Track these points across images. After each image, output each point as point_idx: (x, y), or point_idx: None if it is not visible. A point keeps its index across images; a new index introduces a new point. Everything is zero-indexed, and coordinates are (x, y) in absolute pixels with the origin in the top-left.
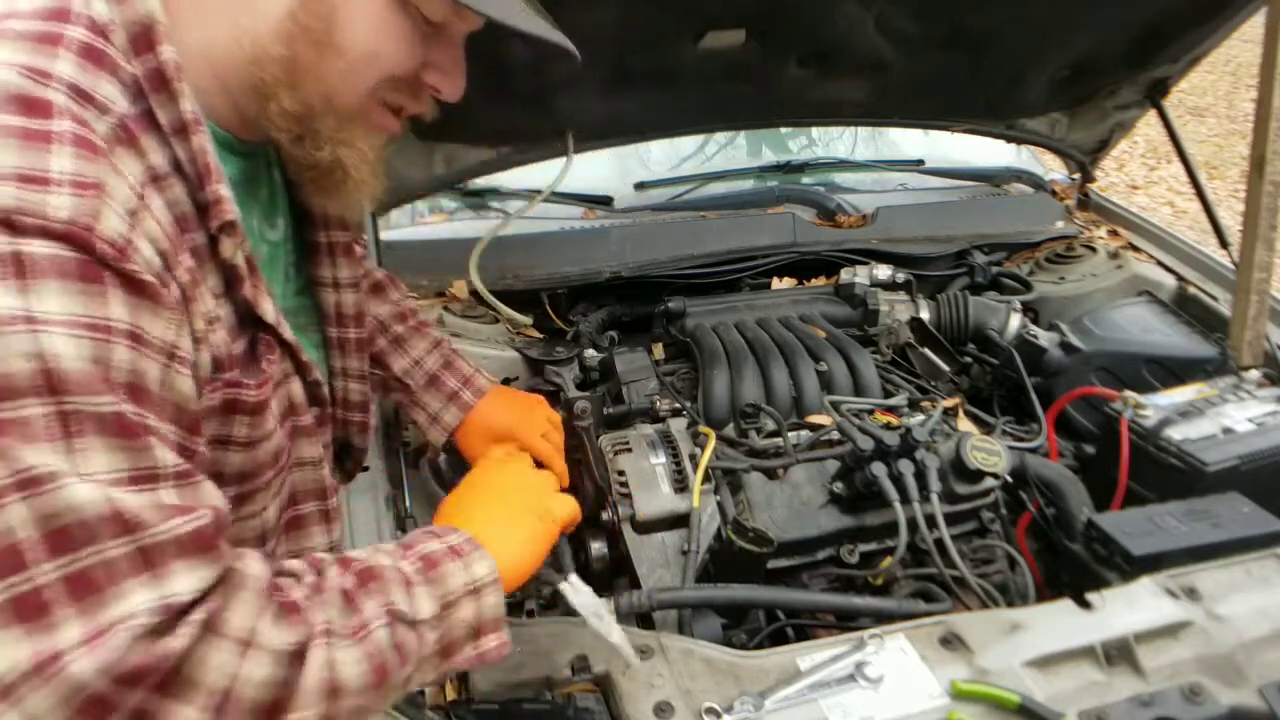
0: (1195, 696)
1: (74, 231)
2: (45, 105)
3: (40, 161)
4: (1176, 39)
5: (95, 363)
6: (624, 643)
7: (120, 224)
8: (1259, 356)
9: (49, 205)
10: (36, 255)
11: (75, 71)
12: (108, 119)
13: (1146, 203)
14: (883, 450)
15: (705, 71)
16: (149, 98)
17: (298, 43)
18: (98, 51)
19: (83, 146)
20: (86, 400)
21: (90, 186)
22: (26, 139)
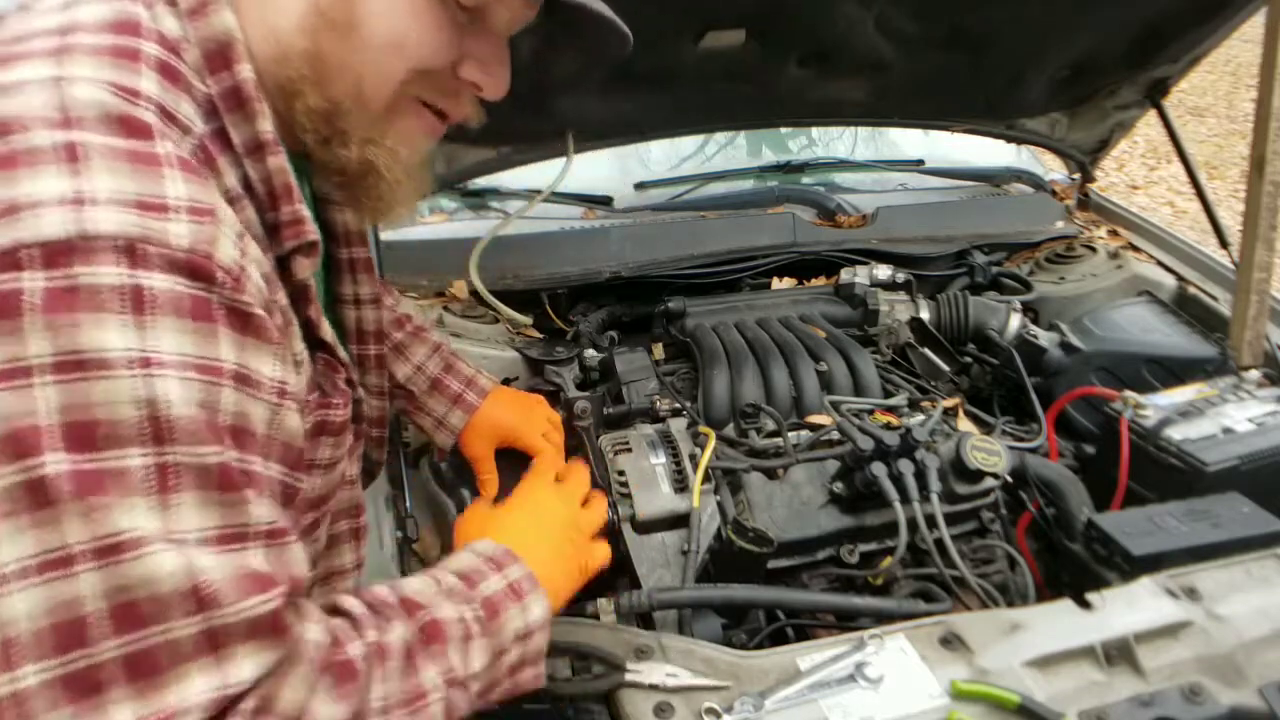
0: (1195, 696)
1: (195, 260)
2: (145, 127)
3: (156, 187)
4: (1176, 39)
5: (203, 408)
6: (699, 679)
7: (234, 250)
8: (1259, 356)
9: (170, 233)
10: (157, 289)
11: (159, 91)
12: (189, 140)
13: (1146, 203)
14: (883, 450)
15: (705, 71)
16: (223, 117)
17: (321, 35)
18: (173, 69)
19: (190, 171)
20: (191, 450)
21: (206, 213)
22: (137, 162)
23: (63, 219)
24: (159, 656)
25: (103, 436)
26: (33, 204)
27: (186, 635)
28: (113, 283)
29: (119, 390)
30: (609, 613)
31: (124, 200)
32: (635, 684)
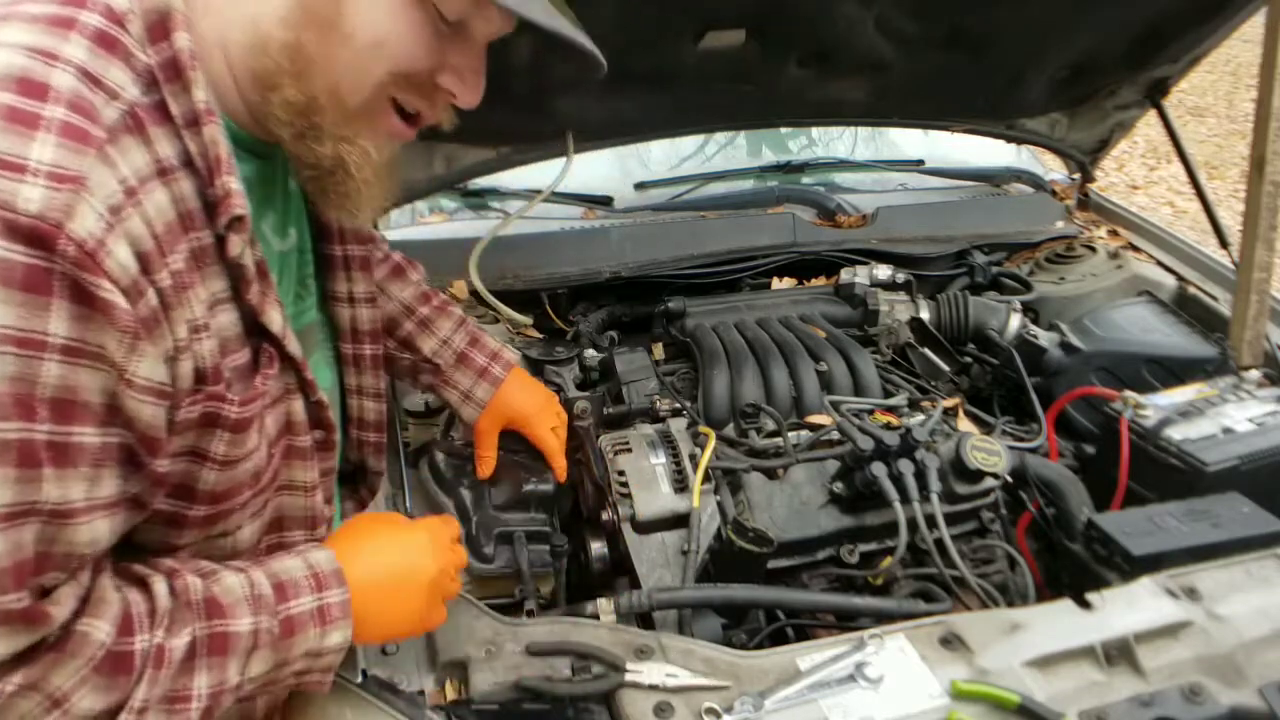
0: (1195, 696)
1: (41, 228)
2: (41, 87)
3: (21, 147)
4: (1176, 39)
5: (14, 381)
6: (699, 679)
7: (96, 223)
8: (1259, 356)
9: (20, 196)
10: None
11: (86, 55)
12: (116, 104)
13: (1146, 203)
14: (883, 450)
15: (705, 71)
16: (162, 88)
17: (303, 29)
18: (111, 38)
19: (70, 136)
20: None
21: (69, 180)
22: (13, 121)
23: None
24: None
25: None
26: None
27: None
28: None
29: None
30: (609, 613)
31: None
32: (635, 684)
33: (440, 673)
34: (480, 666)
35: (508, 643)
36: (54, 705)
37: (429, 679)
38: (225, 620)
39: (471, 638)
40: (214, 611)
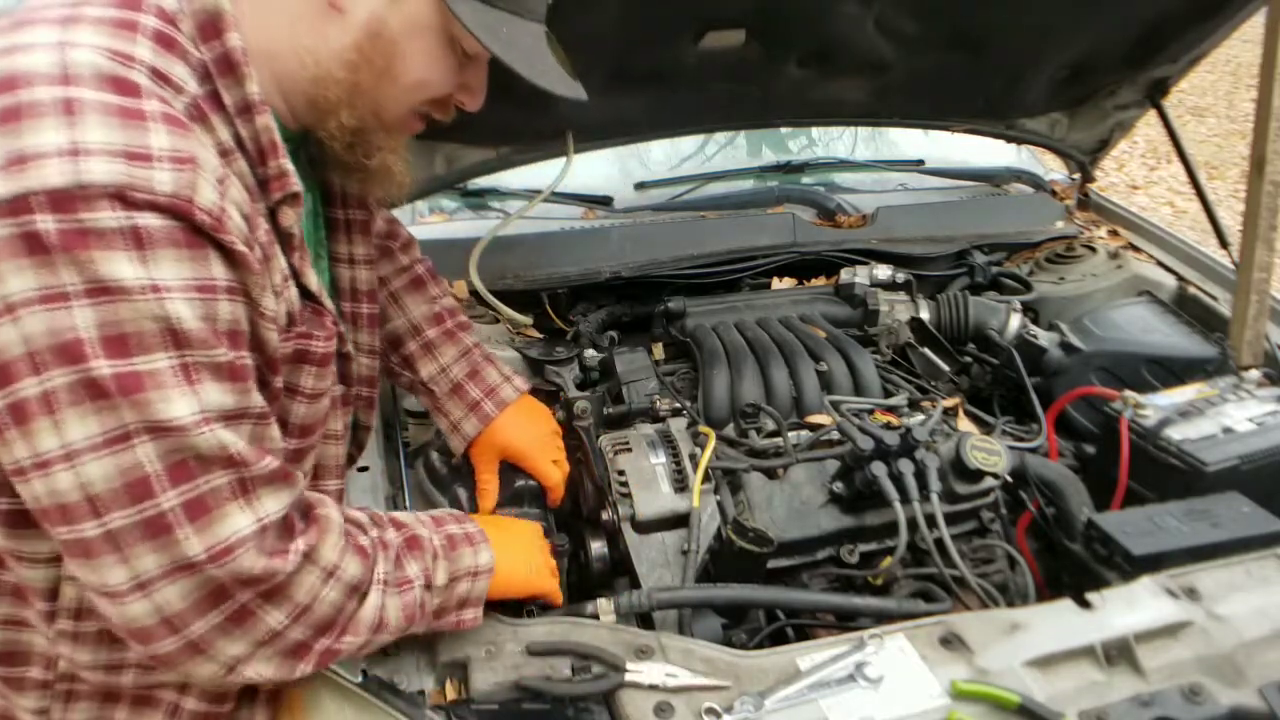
0: (1195, 696)
1: (177, 204)
2: (134, 86)
3: (141, 138)
4: (1176, 39)
5: (206, 319)
6: (699, 679)
7: (213, 194)
8: (1259, 356)
9: (155, 180)
10: (152, 227)
11: (151, 56)
12: (182, 98)
13: (1146, 203)
14: (883, 450)
15: (705, 71)
16: (215, 80)
17: (360, 71)
18: (168, 37)
19: (173, 123)
20: (204, 353)
21: (186, 161)
22: (125, 117)
23: (61, 169)
24: (207, 502)
25: (135, 346)
26: (36, 155)
27: (224, 484)
28: (113, 225)
29: (139, 310)
30: (609, 613)
31: (113, 151)
32: (635, 684)
33: (440, 673)
34: (480, 666)
35: (508, 643)
36: (328, 575)
37: (429, 679)
38: (411, 529)
39: (471, 638)
40: (400, 525)
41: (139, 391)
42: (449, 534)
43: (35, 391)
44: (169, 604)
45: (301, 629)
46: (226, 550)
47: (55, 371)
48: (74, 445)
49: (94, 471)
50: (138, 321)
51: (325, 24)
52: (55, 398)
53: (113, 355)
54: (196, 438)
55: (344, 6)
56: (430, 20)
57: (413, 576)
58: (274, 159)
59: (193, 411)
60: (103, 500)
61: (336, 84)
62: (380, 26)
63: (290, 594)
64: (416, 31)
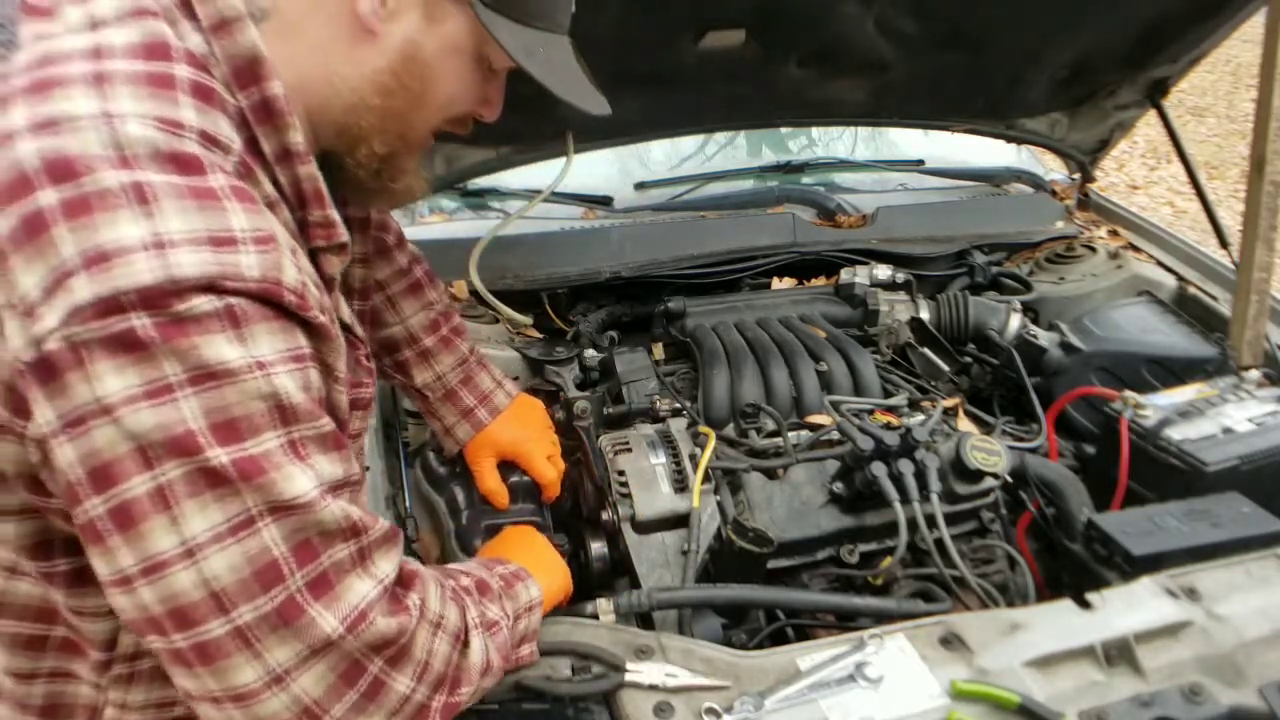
0: (1195, 696)
1: (267, 288)
2: (196, 162)
3: (221, 221)
4: (1176, 39)
5: (306, 389)
6: (699, 679)
7: (294, 270)
8: (1259, 356)
9: (243, 265)
10: (245, 306)
11: (197, 117)
12: (231, 158)
13: (1146, 203)
14: (883, 450)
15: (705, 71)
16: (254, 129)
17: (395, 96)
18: (206, 89)
19: (243, 199)
20: (309, 425)
21: (268, 240)
22: (200, 199)
23: (150, 266)
24: (330, 577)
25: (245, 429)
26: (120, 252)
27: (345, 555)
28: (208, 309)
29: (247, 390)
30: (609, 613)
31: (198, 239)
32: (635, 684)
33: None
34: None
35: None
36: (436, 628)
37: None
38: (475, 574)
39: None
40: (464, 572)
41: (260, 475)
42: (501, 574)
43: (146, 489)
44: (307, 692)
45: (424, 689)
46: (361, 617)
47: (168, 465)
48: (195, 539)
49: (219, 564)
50: (245, 403)
51: (358, 49)
52: (171, 491)
53: (227, 441)
54: (321, 513)
55: (378, 30)
56: (465, 41)
57: (497, 617)
58: (319, 208)
59: (313, 486)
60: (230, 594)
61: (370, 111)
62: (415, 50)
63: (411, 652)
64: (451, 52)
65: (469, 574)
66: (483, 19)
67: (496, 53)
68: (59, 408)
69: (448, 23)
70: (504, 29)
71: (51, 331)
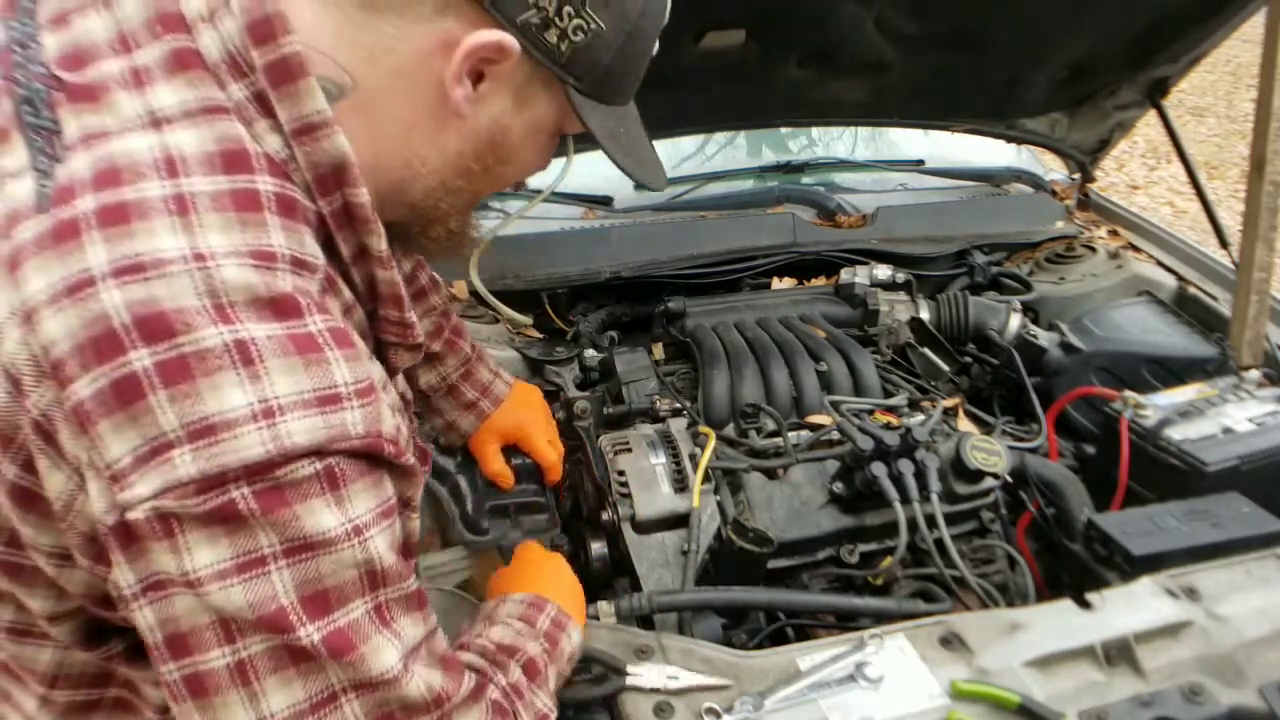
0: (1195, 696)
1: (370, 443)
2: (295, 306)
3: (327, 377)
4: (1176, 39)
5: (394, 548)
6: (700, 679)
7: (390, 416)
8: (1259, 356)
9: (348, 424)
10: (345, 467)
11: (285, 240)
12: (318, 277)
13: (1146, 203)
14: (883, 450)
15: (705, 71)
16: (334, 233)
17: (476, 179)
18: (289, 201)
19: (342, 343)
20: (396, 588)
21: (368, 391)
22: (304, 352)
23: (260, 439)
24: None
25: (335, 600)
26: (227, 424)
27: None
28: (309, 473)
29: (343, 559)
30: (609, 614)
31: (306, 401)
32: (636, 688)
33: None
34: None
35: None
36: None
37: None
38: (525, 653)
39: None
40: (513, 652)
41: (350, 651)
42: (546, 632)
43: (226, 662)
44: None
45: None
46: None
47: (253, 639)
48: (274, 715)
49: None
50: (339, 573)
51: (444, 131)
52: (253, 667)
53: (316, 616)
54: (406, 687)
55: (467, 113)
56: (550, 121)
57: (545, 711)
58: (396, 310)
59: (398, 659)
60: None
61: (451, 193)
62: (504, 135)
63: None
64: (535, 132)
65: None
66: (576, 106)
67: (573, 125)
68: (139, 571)
69: (538, 105)
70: (593, 114)
71: (142, 501)
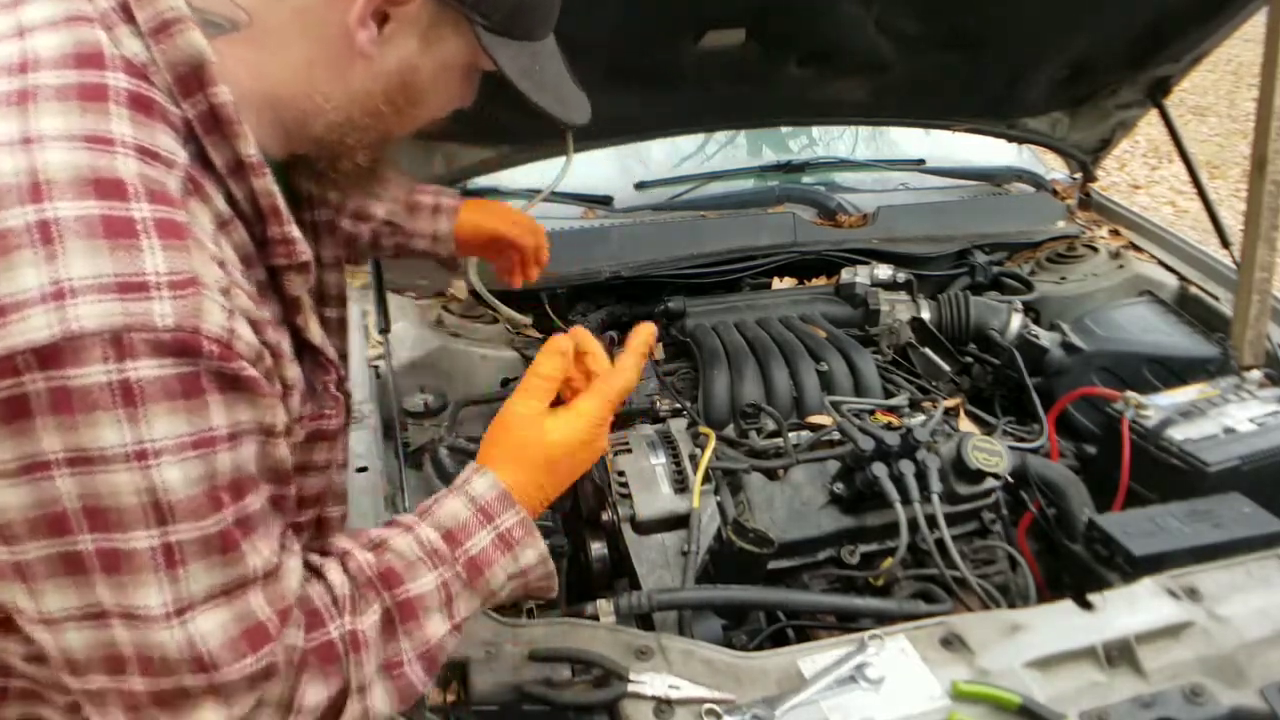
0: (1196, 697)
1: (182, 338)
2: (119, 186)
3: (134, 263)
4: (1178, 38)
5: (201, 482)
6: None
7: (220, 314)
8: (1260, 356)
9: (154, 314)
10: (145, 379)
11: (133, 129)
12: (175, 173)
13: (1148, 202)
14: (883, 450)
15: (705, 71)
16: (202, 139)
17: (384, 117)
18: (145, 99)
19: (167, 233)
20: (193, 526)
21: (187, 284)
22: (113, 236)
23: (47, 321)
24: (176, 699)
25: (114, 522)
26: (16, 305)
27: (196, 686)
28: (102, 381)
29: (119, 483)
30: (609, 614)
31: (104, 286)
32: (638, 695)
33: (440, 673)
34: (479, 668)
35: (507, 644)
36: (288, 711)
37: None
38: (406, 586)
39: (471, 638)
40: (393, 581)
41: (115, 573)
42: (471, 557)
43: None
44: None
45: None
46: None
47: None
48: (51, 615)
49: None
50: (117, 497)
51: (349, 70)
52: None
53: (95, 529)
54: (159, 635)
55: (373, 54)
56: (461, 59)
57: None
58: (277, 225)
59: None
60: (79, 665)
61: (357, 129)
62: (411, 74)
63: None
64: (445, 71)
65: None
66: (485, 44)
67: (488, 62)
68: None
69: (446, 44)
70: (503, 51)
71: None
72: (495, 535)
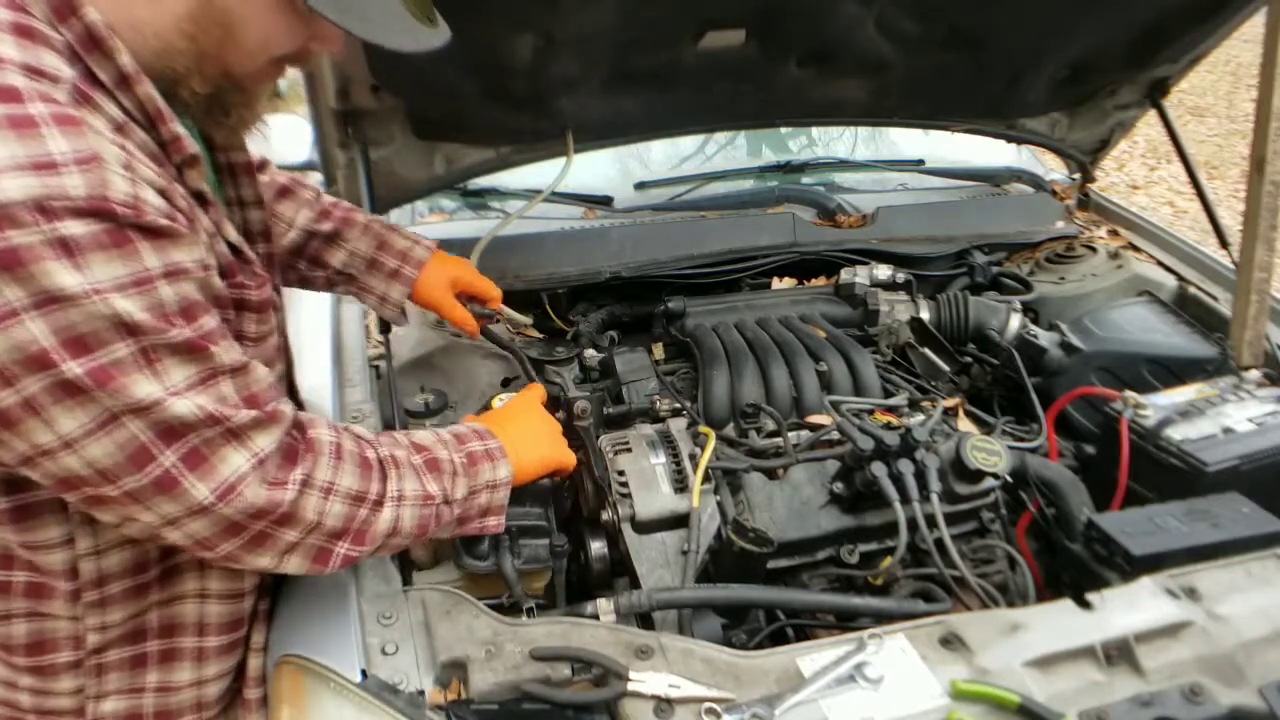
0: (1195, 696)
1: (95, 204)
2: (14, 92)
3: (40, 147)
4: (1176, 39)
5: (150, 309)
6: (702, 690)
7: (124, 183)
8: (1259, 356)
9: (67, 187)
10: (77, 234)
11: (17, 51)
12: (62, 86)
13: (1147, 203)
14: (883, 450)
15: (705, 71)
16: (85, 59)
17: (199, 40)
18: (25, 27)
19: (64, 123)
20: (156, 337)
21: (89, 160)
22: (18, 127)
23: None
24: (203, 452)
25: (93, 342)
26: None
27: (215, 435)
28: (40, 239)
29: (89, 311)
30: (609, 613)
31: (19, 164)
32: (638, 694)
33: (440, 673)
34: (480, 667)
35: (507, 643)
36: (328, 492)
37: (429, 679)
38: (431, 452)
39: (471, 638)
40: (420, 448)
41: (109, 382)
42: (470, 451)
43: (14, 400)
44: (198, 533)
45: (317, 538)
46: (229, 489)
47: (28, 380)
48: (70, 435)
49: (96, 451)
50: (90, 321)
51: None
52: (36, 402)
53: (77, 355)
54: (173, 408)
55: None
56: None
57: (434, 493)
58: (164, 124)
59: (159, 389)
60: (111, 471)
61: (180, 54)
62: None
63: (299, 516)
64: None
65: (426, 450)
66: None
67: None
68: None
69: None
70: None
71: None
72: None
